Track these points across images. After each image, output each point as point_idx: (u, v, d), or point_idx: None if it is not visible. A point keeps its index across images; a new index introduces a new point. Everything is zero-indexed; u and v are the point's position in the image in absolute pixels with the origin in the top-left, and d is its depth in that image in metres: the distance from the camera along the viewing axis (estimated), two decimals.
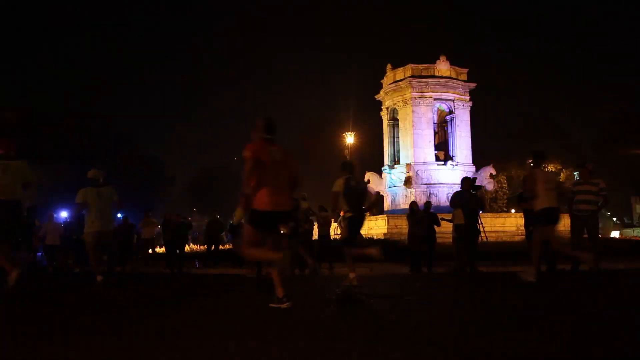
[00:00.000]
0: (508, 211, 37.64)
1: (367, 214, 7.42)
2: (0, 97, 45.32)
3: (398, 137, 29.14)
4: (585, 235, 9.03)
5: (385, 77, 29.76)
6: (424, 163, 27.10)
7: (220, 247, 17.93)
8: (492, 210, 35.59)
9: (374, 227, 25.59)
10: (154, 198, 44.30)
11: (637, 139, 40.60)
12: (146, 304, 5.24)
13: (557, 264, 9.21)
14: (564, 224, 9.57)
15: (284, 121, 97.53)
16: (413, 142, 27.32)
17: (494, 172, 28.57)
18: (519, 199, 10.10)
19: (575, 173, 36.55)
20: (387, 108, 29.81)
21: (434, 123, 28.71)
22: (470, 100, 28.51)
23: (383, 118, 30.26)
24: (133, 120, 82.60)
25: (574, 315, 3.84)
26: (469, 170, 26.65)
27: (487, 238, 10.69)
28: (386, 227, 23.58)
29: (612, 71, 78.83)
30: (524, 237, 12.21)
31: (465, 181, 10.36)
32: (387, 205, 29.25)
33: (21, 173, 6.81)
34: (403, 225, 16.14)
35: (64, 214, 31.65)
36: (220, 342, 2.92)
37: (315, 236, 14.29)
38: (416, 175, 26.68)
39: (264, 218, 4.46)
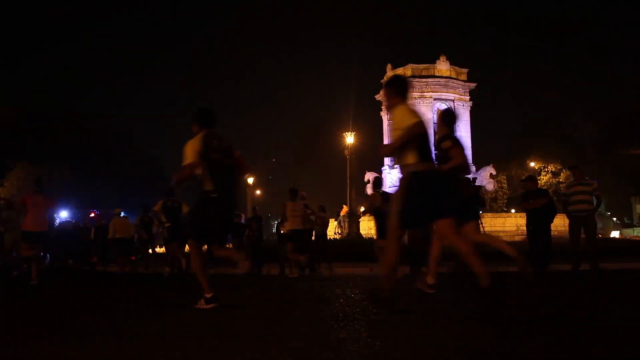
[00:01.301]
0: (508, 211, 37.66)
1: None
2: (0, 97, 45.29)
3: None
4: (583, 236, 9.06)
5: (385, 77, 29.77)
6: None
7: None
8: (492, 210, 35.58)
9: (374, 227, 25.58)
10: (154, 198, 44.29)
11: (638, 138, 40.57)
12: (146, 304, 5.24)
13: (549, 265, 9.23)
14: (564, 223, 9.58)
15: (284, 120, 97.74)
16: None
17: (494, 172, 28.58)
18: (522, 199, 10.16)
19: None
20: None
21: (434, 123, 28.72)
22: (470, 100, 28.52)
23: (383, 118, 30.26)
24: (133, 120, 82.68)
25: (574, 315, 3.84)
26: None
27: None
28: None
29: (612, 70, 78.85)
30: (523, 237, 12.22)
31: (465, 182, 10.34)
32: None
33: None
34: None
35: (63, 214, 31.65)
36: (220, 342, 2.92)
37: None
38: None
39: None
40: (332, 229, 22.87)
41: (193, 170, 4.40)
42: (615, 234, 40.60)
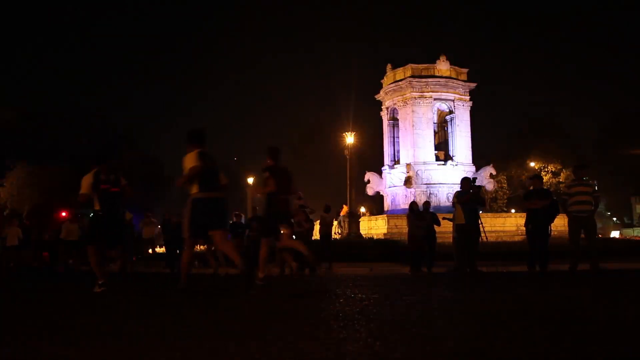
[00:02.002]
0: (508, 211, 37.69)
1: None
2: (0, 97, 45.29)
3: (398, 137, 29.12)
4: (583, 236, 9.08)
5: (385, 77, 29.74)
6: (424, 163, 27.09)
7: None
8: (492, 210, 35.60)
9: (374, 227, 25.60)
10: (154, 198, 44.27)
11: (638, 138, 40.57)
12: (146, 304, 5.24)
13: (548, 265, 9.25)
14: (564, 223, 9.58)
15: (284, 120, 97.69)
16: (413, 142, 27.31)
17: (494, 172, 28.58)
18: (525, 197, 10.17)
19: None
20: (387, 108, 29.80)
21: (434, 123, 28.71)
22: (470, 100, 28.50)
23: (383, 118, 30.25)
24: (133, 120, 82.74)
25: (574, 316, 3.84)
26: (469, 170, 26.64)
27: (487, 238, 10.69)
28: (386, 227, 23.58)
29: (612, 70, 78.84)
30: (524, 237, 12.23)
31: (465, 182, 10.35)
32: (387, 205, 29.24)
33: None
34: (403, 225, 16.14)
35: (63, 214, 31.63)
36: (220, 342, 2.92)
37: (316, 235, 14.27)
38: (416, 175, 26.67)
39: None
40: (333, 229, 22.83)
41: (87, 198, 6.35)
42: (615, 234, 40.61)
